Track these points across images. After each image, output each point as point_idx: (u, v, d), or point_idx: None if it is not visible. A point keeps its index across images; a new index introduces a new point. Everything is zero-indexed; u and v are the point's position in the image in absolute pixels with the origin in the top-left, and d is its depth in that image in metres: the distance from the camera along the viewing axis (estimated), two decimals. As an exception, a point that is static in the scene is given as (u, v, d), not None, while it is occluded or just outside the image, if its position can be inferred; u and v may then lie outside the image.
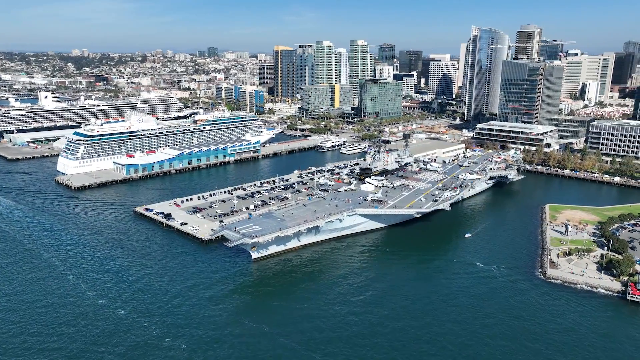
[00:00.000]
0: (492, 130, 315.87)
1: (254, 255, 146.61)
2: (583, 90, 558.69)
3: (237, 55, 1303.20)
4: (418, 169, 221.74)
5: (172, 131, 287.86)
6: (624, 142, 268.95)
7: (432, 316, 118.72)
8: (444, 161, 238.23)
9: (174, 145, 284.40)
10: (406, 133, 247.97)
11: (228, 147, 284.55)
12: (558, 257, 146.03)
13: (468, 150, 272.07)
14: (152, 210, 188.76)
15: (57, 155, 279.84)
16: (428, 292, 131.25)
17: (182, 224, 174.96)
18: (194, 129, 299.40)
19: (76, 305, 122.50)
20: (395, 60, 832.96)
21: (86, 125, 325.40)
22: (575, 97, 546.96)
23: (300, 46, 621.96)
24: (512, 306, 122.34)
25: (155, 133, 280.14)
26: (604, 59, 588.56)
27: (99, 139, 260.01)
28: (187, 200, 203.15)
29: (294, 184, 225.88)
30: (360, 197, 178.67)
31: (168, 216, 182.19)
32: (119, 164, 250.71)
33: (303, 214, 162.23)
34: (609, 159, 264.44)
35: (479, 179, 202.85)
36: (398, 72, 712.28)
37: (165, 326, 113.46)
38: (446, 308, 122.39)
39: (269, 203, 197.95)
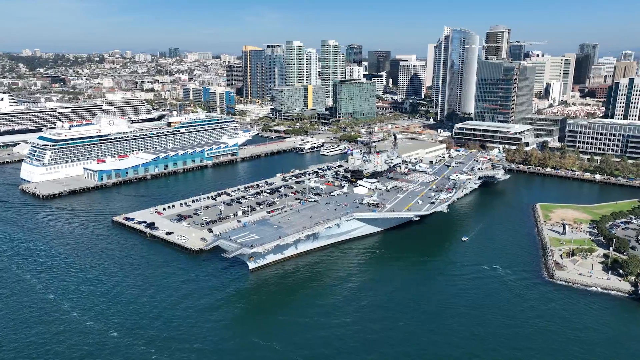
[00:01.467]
0: (470, 129, 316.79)
1: (251, 265, 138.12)
2: (547, 90, 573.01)
3: (200, 56, 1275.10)
4: (407, 170, 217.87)
5: (146, 134, 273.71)
6: (599, 140, 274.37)
7: (454, 320, 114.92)
8: (431, 162, 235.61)
9: (147, 149, 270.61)
10: (395, 133, 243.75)
11: (205, 150, 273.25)
12: (562, 258, 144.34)
13: (452, 150, 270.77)
14: (132, 219, 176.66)
15: (19, 161, 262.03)
16: (439, 296, 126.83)
17: (167, 233, 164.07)
18: (168, 131, 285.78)
19: (61, 328, 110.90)
20: (362, 61, 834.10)
21: (49, 128, 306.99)
22: (540, 97, 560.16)
23: (268, 46, 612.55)
24: (529, 309, 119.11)
25: (128, 136, 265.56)
26: (566, 59, 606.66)
27: (67, 144, 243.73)
28: (169, 207, 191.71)
29: (280, 187, 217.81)
30: (355, 200, 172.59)
31: (151, 225, 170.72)
32: (90, 170, 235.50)
33: (299, 219, 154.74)
34: (587, 157, 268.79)
35: (470, 179, 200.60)
36: (367, 73, 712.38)
37: (166, 345, 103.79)
38: (464, 312, 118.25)
39: (257, 209, 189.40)
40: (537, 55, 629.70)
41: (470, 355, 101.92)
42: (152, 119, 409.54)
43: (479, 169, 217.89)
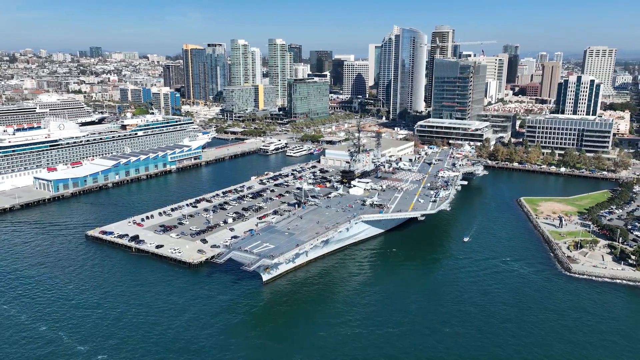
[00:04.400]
0: (432, 127, 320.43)
1: (265, 277, 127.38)
2: (485, 89, 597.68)
3: (125, 56, 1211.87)
4: (391, 168, 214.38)
5: (101, 139, 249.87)
6: (557, 134, 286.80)
7: (494, 317, 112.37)
8: (410, 160, 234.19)
9: (102, 154, 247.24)
10: (379, 133, 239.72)
11: (168, 154, 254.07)
12: (570, 250, 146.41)
13: (426, 147, 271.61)
14: (111, 233, 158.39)
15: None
16: (468, 295, 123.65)
17: (157, 246, 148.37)
18: (124, 135, 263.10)
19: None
20: (301, 60, 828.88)
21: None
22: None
23: (209, 45, 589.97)
24: (563, 303, 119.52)
25: (81, 141, 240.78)
26: (500, 59, 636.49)
27: (13, 151, 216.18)
28: (147, 217, 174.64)
29: (261, 191, 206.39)
30: (357, 201, 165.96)
31: (136, 238, 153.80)
32: (43, 179, 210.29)
33: (307, 225, 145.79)
34: (547, 151, 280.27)
35: (457, 175, 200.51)
36: (310, 73, 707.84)
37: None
38: (500, 309, 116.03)
39: (245, 215, 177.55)
40: (471, 55, 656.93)
41: (526, 349, 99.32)
42: (93, 122, 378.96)
43: (460, 165, 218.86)
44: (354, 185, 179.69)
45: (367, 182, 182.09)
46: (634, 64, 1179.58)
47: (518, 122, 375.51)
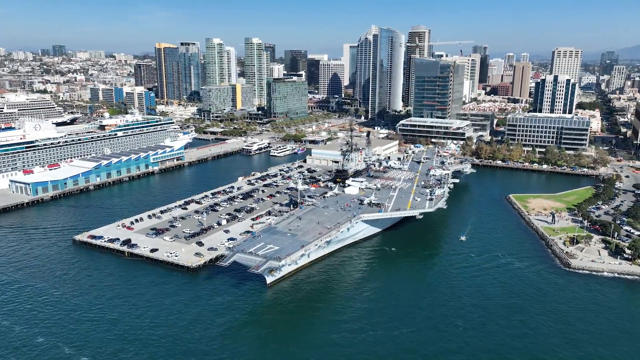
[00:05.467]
0: (415, 126, 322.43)
1: (269, 279, 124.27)
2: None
3: (91, 55, 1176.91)
4: (382, 167, 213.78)
5: (79, 140, 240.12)
6: (536, 132, 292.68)
7: (504, 313, 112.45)
8: (399, 158, 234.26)
9: (81, 156, 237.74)
10: (369, 132, 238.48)
11: (150, 155, 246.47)
12: (566, 246, 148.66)
13: (412, 146, 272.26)
14: (100, 237, 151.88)
15: None
16: (474, 291, 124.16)
17: (152, 250, 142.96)
18: (103, 136, 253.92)
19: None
20: (275, 60, 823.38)
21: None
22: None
23: (182, 44, 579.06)
24: (570, 298, 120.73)
25: (59, 143, 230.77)
26: (472, 60, 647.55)
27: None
28: (137, 220, 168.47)
29: (251, 192, 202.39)
30: (354, 201, 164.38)
31: (128, 243, 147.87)
32: (20, 182, 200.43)
33: (308, 225, 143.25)
34: (527, 148, 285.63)
35: (448, 174, 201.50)
36: (286, 72, 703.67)
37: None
38: (508, 304, 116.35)
39: (238, 216, 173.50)
40: (443, 55, 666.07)
41: (538, 340, 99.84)
42: (65, 123, 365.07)
43: (449, 163, 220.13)
44: (349, 185, 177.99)
45: (362, 182, 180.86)
46: (594, 65, 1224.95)
47: (495, 121, 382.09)
